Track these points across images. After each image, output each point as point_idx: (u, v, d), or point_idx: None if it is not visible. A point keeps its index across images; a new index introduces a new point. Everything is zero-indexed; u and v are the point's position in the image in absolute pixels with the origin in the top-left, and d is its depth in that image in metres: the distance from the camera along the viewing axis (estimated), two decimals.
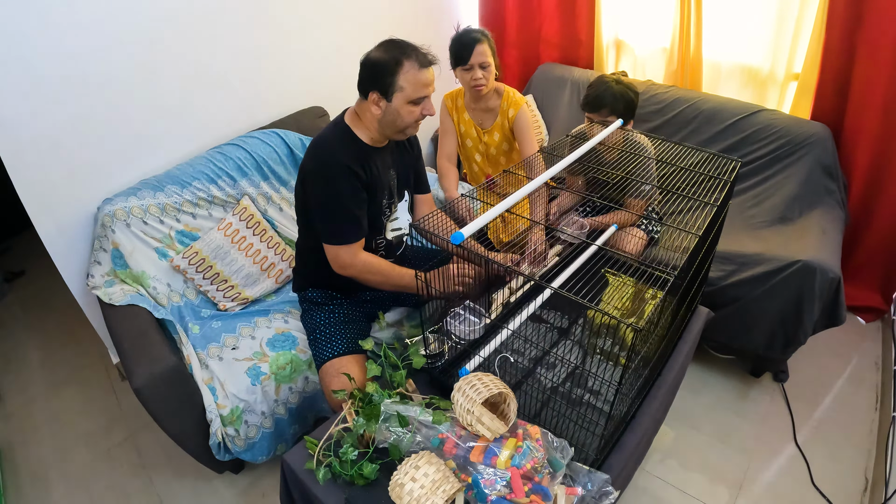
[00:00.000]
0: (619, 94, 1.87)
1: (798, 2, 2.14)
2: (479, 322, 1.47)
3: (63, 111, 1.80)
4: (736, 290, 1.96)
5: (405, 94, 1.48)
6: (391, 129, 1.56)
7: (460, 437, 1.12)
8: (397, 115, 1.51)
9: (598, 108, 1.90)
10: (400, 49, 1.48)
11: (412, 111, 1.51)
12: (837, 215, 2.10)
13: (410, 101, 1.49)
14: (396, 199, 1.71)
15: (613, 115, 1.90)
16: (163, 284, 1.93)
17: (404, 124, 1.54)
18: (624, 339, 1.45)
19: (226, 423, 1.63)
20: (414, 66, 1.46)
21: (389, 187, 1.67)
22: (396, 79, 1.47)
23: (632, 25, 2.69)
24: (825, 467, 1.82)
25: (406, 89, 1.47)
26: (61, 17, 1.72)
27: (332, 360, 1.62)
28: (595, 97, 1.90)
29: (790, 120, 2.21)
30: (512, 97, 2.13)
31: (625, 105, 1.89)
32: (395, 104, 1.50)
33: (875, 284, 2.32)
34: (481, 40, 1.97)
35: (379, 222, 1.67)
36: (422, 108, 1.52)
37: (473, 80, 2.02)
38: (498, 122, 2.16)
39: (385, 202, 1.66)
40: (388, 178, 1.66)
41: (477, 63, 1.98)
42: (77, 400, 2.27)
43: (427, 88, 1.49)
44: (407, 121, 1.52)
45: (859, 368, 2.18)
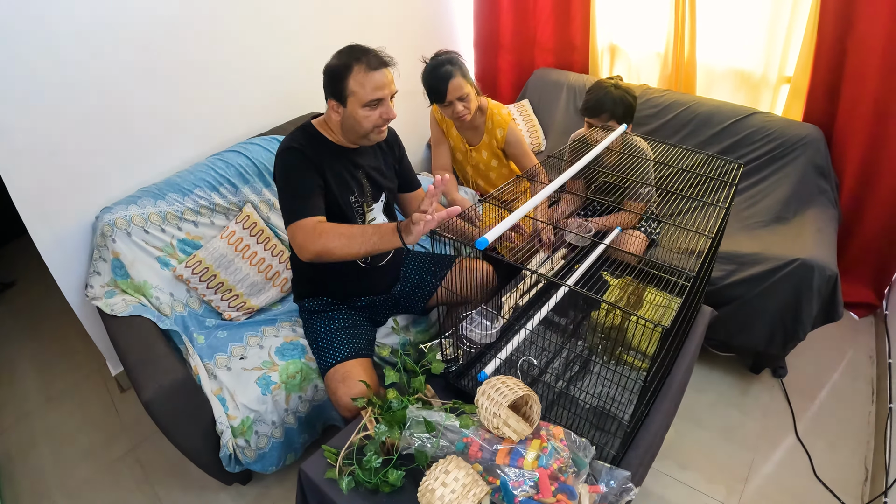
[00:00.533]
0: (619, 98, 1.90)
1: (790, 7, 2.19)
2: (492, 326, 1.48)
3: (60, 118, 1.78)
4: (736, 290, 2.00)
5: (357, 98, 1.48)
6: (354, 134, 1.56)
7: (485, 440, 1.13)
8: (354, 121, 1.51)
9: (599, 112, 1.93)
10: (351, 54, 1.49)
11: (368, 115, 1.50)
12: (831, 214, 2.15)
13: (364, 105, 1.48)
14: (370, 200, 1.69)
15: (613, 120, 1.93)
16: (165, 294, 1.90)
17: (363, 129, 1.53)
18: (631, 340, 1.48)
19: (236, 434, 1.62)
20: (363, 69, 1.46)
21: (359, 187, 1.65)
22: (347, 83, 1.47)
23: (626, 30, 2.73)
24: (826, 459, 1.87)
25: (357, 93, 1.47)
26: (59, 22, 1.70)
27: (336, 366, 1.61)
28: (595, 102, 1.93)
29: (783, 122, 2.27)
30: (497, 115, 2.12)
31: (624, 109, 1.92)
32: (349, 109, 1.50)
33: (867, 280, 2.38)
34: (454, 74, 1.92)
35: (349, 220, 1.63)
36: (380, 112, 1.50)
37: (455, 114, 2.00)
38: (485, 141, 2.17)
39: (354, 200, 1.63)
40: (357, 178, 1.65)
41: (455, 98, 1.96)
42: (75, 413, 2.22)
43: (379, 91, 1.47)
44: (365, 126, 1.52)
45: (854, 362, 2.24)
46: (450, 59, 1.95)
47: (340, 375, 1.59)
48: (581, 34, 2.81)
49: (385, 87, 1.48)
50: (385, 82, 1.48)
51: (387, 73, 1.49)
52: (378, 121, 1.52)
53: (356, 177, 1.65)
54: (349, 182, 1.62)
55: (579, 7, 2.73)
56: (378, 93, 1.47)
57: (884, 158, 2.13)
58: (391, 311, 1.91)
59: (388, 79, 1.49)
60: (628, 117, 1.93)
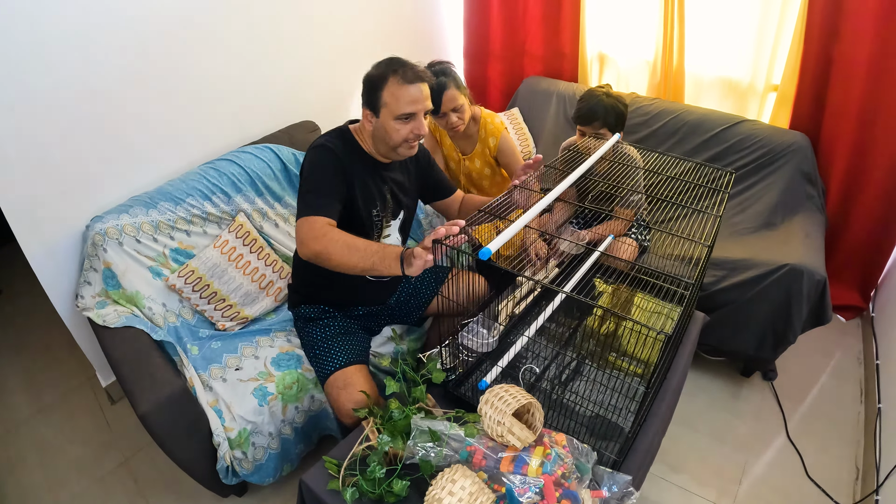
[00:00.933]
0: (611, 106, 1.93)
1: (777, 16, 2.24)
2: (490, 335, 1.49)
3: (50, 124, 1.75)
4: (726, 295, 2.03)
5: (389, 110, 1.47)
6: (384, 146, 1.56)
7: (489, 448, 1.14)
8: (385, 133, 1.50)
9: (591, 121, 1.95)
10: (389, 65, 1.48)
11: (398, 129, 1.49)
12: (818, 219, 2.19)
13: (396, 118, 1.47)
14: (390, 216, 1.69)
15: (605, 128, 1.95)
16: (158, 305, 1.87)
17: (393, 142, 1.51)
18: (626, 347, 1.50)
19: (233, 446, 1.60)
20: (398, 82, 1.45)
21: (383, 201, 1.64)
22: (382, 94, 1.47)
23: (615, 39, 2.76)
24: (817, 459, 1.90)
25: (390, 104, 1.46)
26: (51, 28, 1.68)
27: (336, 374, 1.61)
28: (588, 111, 1.95)
29: (770, 130, 2.31)
30: (490, 124, 2.14)
31: (616, 117, 1.94)
32: (381, 120, 1.49)
33: (854, 284, 2.43)
34: (447, 86, 1.95)
35: (368, 233, 1.63)
36: (411, 127, 1.49)
37: (449, 125, 2.02)
38: (478, 150, 2.19)
39: (375, 213, 1.63)
40: (383, 192, 1.64)
41: (449, 109, 1.98)
42: (64, 426, 2.18)
43: (412, 105, 1.46)
44: (395, 139, 1.50)
45: (842, 364, 2.28)
46: (443, 70, 1.96)
47: (341, 382, 1.59)
48: (570, 43, 2.83)
49: (419, 102, 1.47)
50: (419, 97, 1.47)
51: (422, 89, 1.48)
52: (409, 135, 1.50)
53: (382, 191, 1.64)
54: (374, 195, 1.61)
55: (569, 16, 2.76)
56: (411, 107, 1.46)
57: (869, 165, 2.18)
58: (386, 320, 1.91)
59: (423, 94, 1.48)
60: (620, 125, 1.96)
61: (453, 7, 3.18)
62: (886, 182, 2.17)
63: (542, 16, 2.86)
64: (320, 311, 1.76)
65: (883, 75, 2.04)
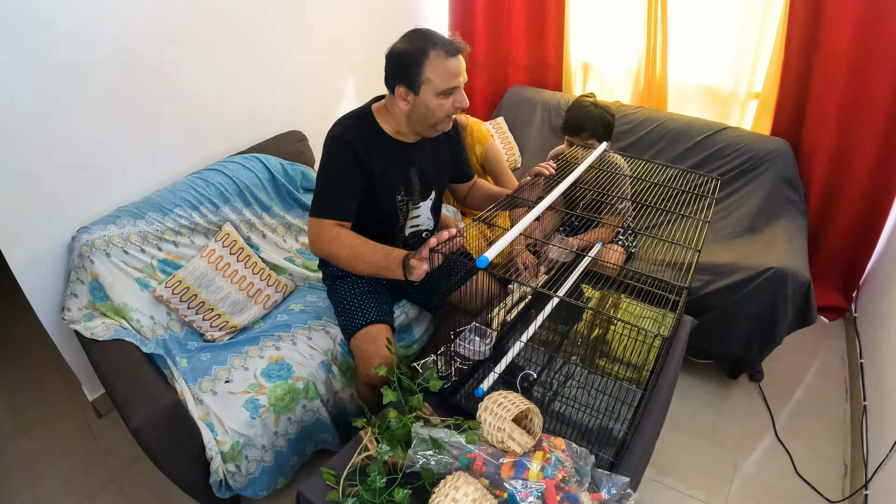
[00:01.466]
0: (599, 116, 1.96)
1: (758, 26, 2.30)
2: (483, 342, 1.50)
3: (36, 133, 1.73)
4: (713, 299, 2.06)
5: (433, 86, 1.42)
6: (421, 125, 1.51)
7: (489, 454, 1.14)
8: (427, 110, 1.45)
9: (580, 131, 1.98)
10: (425, 38, 1.42)
11: (442, 104, 1.45)
12: (801, 223, 2.24)
13: (440, 94, 1.43)
14: (418, 198, 1.66)
15: (594, 138, 1.98)
16: (146, 317, 1.85)
17: (435, 119, 1.47)
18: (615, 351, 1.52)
19: (226, 460, 1.58)
20: (441, 56, 1.40)
21: (408, 185, 1.61)
22: (423, 69, 1.40)
23: (599, 49, 2.81)
24: (806, 457, 1.94)
25: (434, 81, 1.41)
26: (37, 35, 1.66)
27: (365, 328, 1.65)
28: (576, 121, 1.97)
29: (752, 136, 2.37)
30: (476, 131, 2.18)
31: (604, 127, 1.97)
32: (423, 97, 1.44)
33: (836, 285, 2.49)
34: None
35: (393, 218, 1.62)
36: (453, 101, 1.45)
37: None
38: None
39: (400, 199, 1.60)
40: (408, 176, 1.60)
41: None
42: (51, 441, 2.13)
43: (456, 78, 1.43)
44: (438, 115, 1.46)
45: (827, 364, 2.33)
46: None
47: (371, 336, 1.62)
48: (555, 52, 2.87)
49: (461, 74, 1.44)
50: (461, 69, 1.44)
51: (461, 62, 1.44)
52: (451, 109, 1.47)
53: (407, 174, 1.60)
54: (397, 180, 1.58)
55: (553, 26, 2.80)
56: (455, 80, 1.43)
57: (849, 169, 2.25)
58: (405, 294, 1.93)
59: (462, 67, 1.44)
60: (607, 135, 1.98)
61: (439, 17, 3.21)
62: (865, 186, 2.24)
63: (527, 25, 2.90)
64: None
65: (861, 82, 2.10)
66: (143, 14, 1.90)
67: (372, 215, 1.56)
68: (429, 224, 1.76)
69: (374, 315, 1.67)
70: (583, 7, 2.72)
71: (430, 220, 1.75)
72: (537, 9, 2.82)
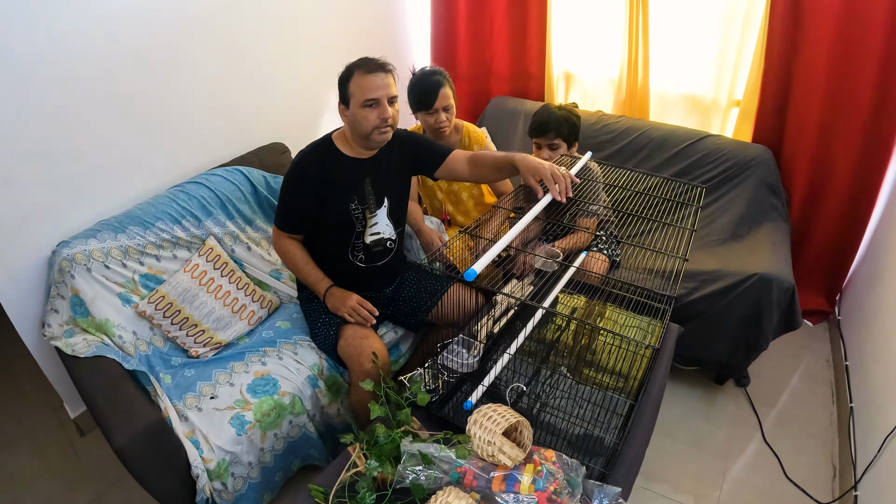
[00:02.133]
0: (563, 118, 1.99)
1: (738, 34, 2.33)
2: (470, 355, 1.49)
3: (14, 146, 1.70)
4: (699, 306, 2.07)
5: (356, 99, 1.61)
6: (358, 136, 1.68)
7: (479, 468, 1.13)
8: (355, 120, 1.64)
9: (545, 132, 2.01)
10: (355, 62, 1.64)
11: (366, 115, 1.61)
12: (783, 229, 2.27)
13: (363, 105, 1.60)
14: (374, 206, 1.77)
15: (559, 138, 2.00)
16: (128, 332, 1.81)
17: (364, 129, 1.63)
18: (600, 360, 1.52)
19: (213, 478, 1.55)
20: (361, 72, 1.61)
21: (361, 195, 1.74)
22: (349, 85, 1.63)
23: (581, 58, 2.83)
24: (794, 460, 1.95)
25: (356, 94, 1.61)
26: (15, 45, 1.64)
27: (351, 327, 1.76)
28: (540, 123, 2.02)
29: (734, 144, 2.39)
30: (473, 133, 2.21)
31: (569, 128, 2.00)
32: (352, 110, 1.64)
33: (819, 289, 2.52)
34: (443, 84, 2.04)
35: (349, 224, 1.76)
36: (377, 113, 1.61)
37: (437, 124, 2.07)
38: None
39: (354, 207, 1.74)
40: (361, 186, 1.74)
41: (441, 107, 2.04)
42: (32, 460, 2.08)
43: (374, 91, 1.59)
44: (365, 126, 1.62)
45: (812, 367, 2.36)
46: (440, 72, 2.07)
47: (361, 333, 1.75)
48: (537, 62, 2.88)
49: (380, 89, 1.60)
50: (380, 84, 1.60)
51: (383, 77, 1.61)
52: (376, 121, 1.62)
53: (360, 185, 1.74)
54: (350, 191, 1.73)
55: (535, 36, 2.81)
56: (372, 93, 1.59)
57: (829, 174, 2.28)
58: (387, 315, 1.97)
59: (383, 82, 1.61)
60: (574, 136, 2.02)
61: (421, 29, 3.22)
62: (846, 190, 2.27)
63: (509, 36, 2.90)
64: None
65: (841, 89, 2.14)
66: (125, 25, 1.89)
67: (329, 222, 1.76)
68: (390, 233, 1.83)
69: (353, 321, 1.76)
70: (565, 17, 2.73)
71: (390, 227, 1.83)
72: (519, 19, 2.83)
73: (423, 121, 2.12)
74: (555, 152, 2.03)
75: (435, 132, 2.11)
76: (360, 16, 2.84)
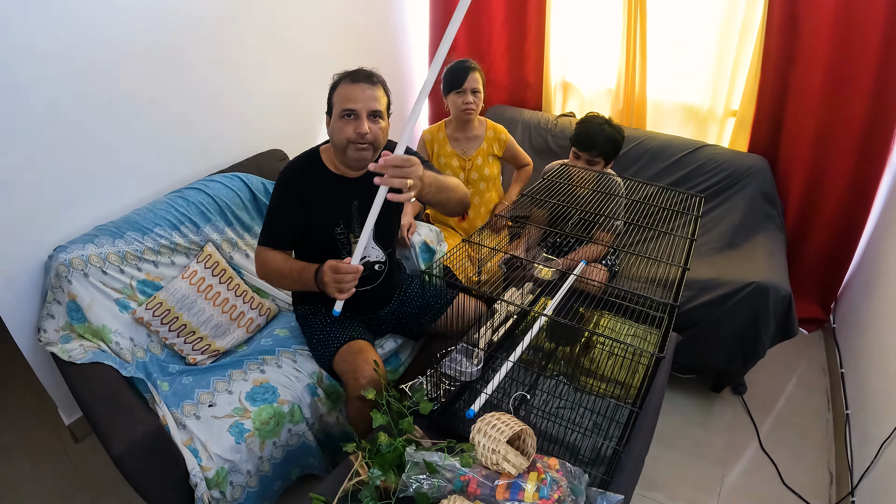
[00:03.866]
0: (610, 136, 1.97)
1: (735, 45, 2.36)
2: (471, 363, 1.49)
3: (10, 149, 1.68)
4: (696, 314, 2.08)
5: (336, 110, 1.54)
6: (336, 149, 1.60)
7: (483, 476, 1.13)
8: (333, 132, 1.56)
9: (590, 147, 1.99)
10: (345, 71, 1.57)
11: (342, 127, 1.52)
12: (779, 238, 2.29)
13: (341, 116, 1.52)
14: (357, 230, 1.69)
15: (601, 157, 1.99)
16: (125, 339, 1.80)
17: (339, 142, 1.55)
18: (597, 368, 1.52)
19: (211, 486, 1.53)
20: (346, 82, 1.53)
21: (347, 218, 1.66)
22: (333, 95, 1.56)
23: (579, 67, 2.85)
24: (792, 467, 1.96)
25: (336, 104, 1.54)
26: (14, 47, 1.62)
27: (346, 345, 1.66)
28: (588, 136, 1.98)
29: (731, 153, 2.42)
30: (496, 126, 2.32)
31: (613, 147, 1.99)
32: (332, 120, 1.56)
33: (814, 297, 2.54)
34: (475, 69, 2.15)
35: (335, 252, 1.67)
36: (354, 126, 1.51)
37: (465, 104, 2.16)
38: (483, 148, 2.30)
39: (340, 231, 1.66)
40: (348, 209, 1.66)
41: (469, 88, 2.14)
42: (25, 467, 2.05)
43: (352, 102, 1.50)
44: (339, 138, 1.54)
45: (808, 375, 2.38)
46: (473, 61, 2.18)
47: (356, 349, 1.64)
48: (535, 72, 2.90)
49: (358, 101, 1.50)
50: (360, 96, 1.50)
51: (367, 89, 1.52)
52: (351, 135, 1.51)
53: (347, 208, 1.66)
54: (335, 214, 1.64)
55: (533, 45, 2.83)
56: (350, 103, 1.50)
57: (824, 184, 2.31)
58: (388, 328, 1.93)
59: (366, 94, 1.51)
60: (614, 156, 2.01)
61: (420, 37, 3.23)
62: (841, 199, 2.30)
63: (507, 45, 2.92)
64: (318, 307, 1.81)
65: (836, 99, 2.17)
66: (126, 29, 1.88)
67: (315, 247, 1.68)
68: (377, 255, 1.76)
69: (351, 335, 1.69)
70: (563, 26, 2.75)
71: (377, 249, 1.76)
72: (518, 28, 2.85)
73: (452, 102, 2.21)
74: (592, 167, 2.01)
75: (461, 113, 2.20)
76: (360, 24, 2.85)
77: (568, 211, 1.60)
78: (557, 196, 1.64)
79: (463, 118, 2.23)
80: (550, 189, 1.68)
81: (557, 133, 2.78)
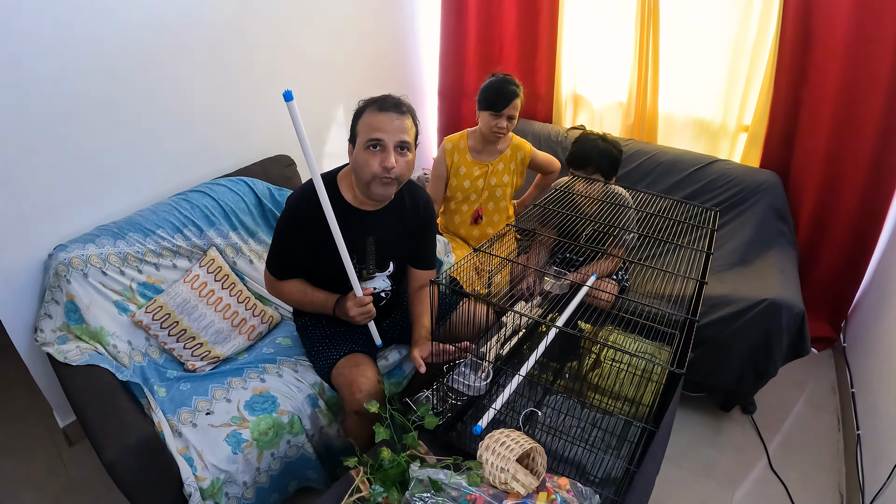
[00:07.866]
0: (605, 151, 1.95)
1: (748, 59, 2.33)
2: (479, 377, 1.44)
3: (15, 145, 1.66)
4: (707, 331, 2.04)
5: (361, 139, 1.45)
6: (359, 181, 1.51)
7: (490, 495, 1.09)
8: (356, 163, 1.47)
9: (584, 165, 1.96)
10: (372, 99, 1.48)
11: (367, 159, 1.43)
12: (791, 254, 2.25)
13: (366, 146, 1.43)
14: (373, 268, 1.64)
15: (598, 173, 1.96)
16: (123, 342, 1.76)
17: (362, 176, 1.46)
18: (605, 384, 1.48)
19: (206, 497, 1.49)
20: (373, 109, 1.44)
21: (361, 254, 1.61)
22: (358, 122, 1.47)
23: (590, 80, 2.82)
24: (802, 488, 1.92)
25: (361, 133, 1.45)
26: (22, 41, 1.61)
27: (345, 357, 1.62)
28: (582, 154, 1.96)
29: (742, 169, 2.39)
30: (522, 142, 2.29)
31: (610, 163, 1.96)
32: (357, 150, 1.47)
33: (825, 316, 2.50)
34: (518, 95, 2.10)
35: (343, 282, 1.57)
36: (380, 159, 1.42)
37: (497, 128, 2.12)
38: (506, 155, 2.27)
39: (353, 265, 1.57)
40: (364, 245, 1.59)
41: (507, 114, 2.10)
42: (17, 470, 2.01)
43: (379, 132, 1.41)
44: (366, 171, 1.44)
45: (818, 394, 2.33)
46: (516, 82, 2.13)
47: (354, 361, 1.60)
48: (546, 84, 2.87)
49: (385, 131, 1.42)
50: (389, 126, 1.42)
51: (395, 118, 1.43)
52: (377, 168, 1.43)
53: (362, 243, 1.59)
54: (349, 249, 1.52)
55: (545, 58, 2.80)
56: (377, 133, 1.42)
57: (837, 200, 2.28)
58: (391, 339, 1.88)
59: (394, 125, 1.42)
60: (613, 171, 1.98)
61: (430, 45, 3.22)
62: (854, 217, 2.27)
63: (518, 57, 2.90)
64: (321, 317, 1.77)
65: (849, 116, 2.14)
66: (133, 28, 1.86)
67: (324, 277, 1.64)
68: (385, 286, 1.72)
69: (350, 348, 1.65)
70: (574, 38, 2.73)
71: (387, 282, 1.72)
72: (529, 40, 2.83)
73: (484, 120, 2.16)
74: (592, 185, 1.98)
75: (491, 134, 2.16)
76: (370, 32, 2.84)
77: (577, 225, 1.56)
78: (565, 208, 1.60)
79: (491, 139, 2.20)
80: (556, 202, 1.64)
81: (567, 146, 2.74)
